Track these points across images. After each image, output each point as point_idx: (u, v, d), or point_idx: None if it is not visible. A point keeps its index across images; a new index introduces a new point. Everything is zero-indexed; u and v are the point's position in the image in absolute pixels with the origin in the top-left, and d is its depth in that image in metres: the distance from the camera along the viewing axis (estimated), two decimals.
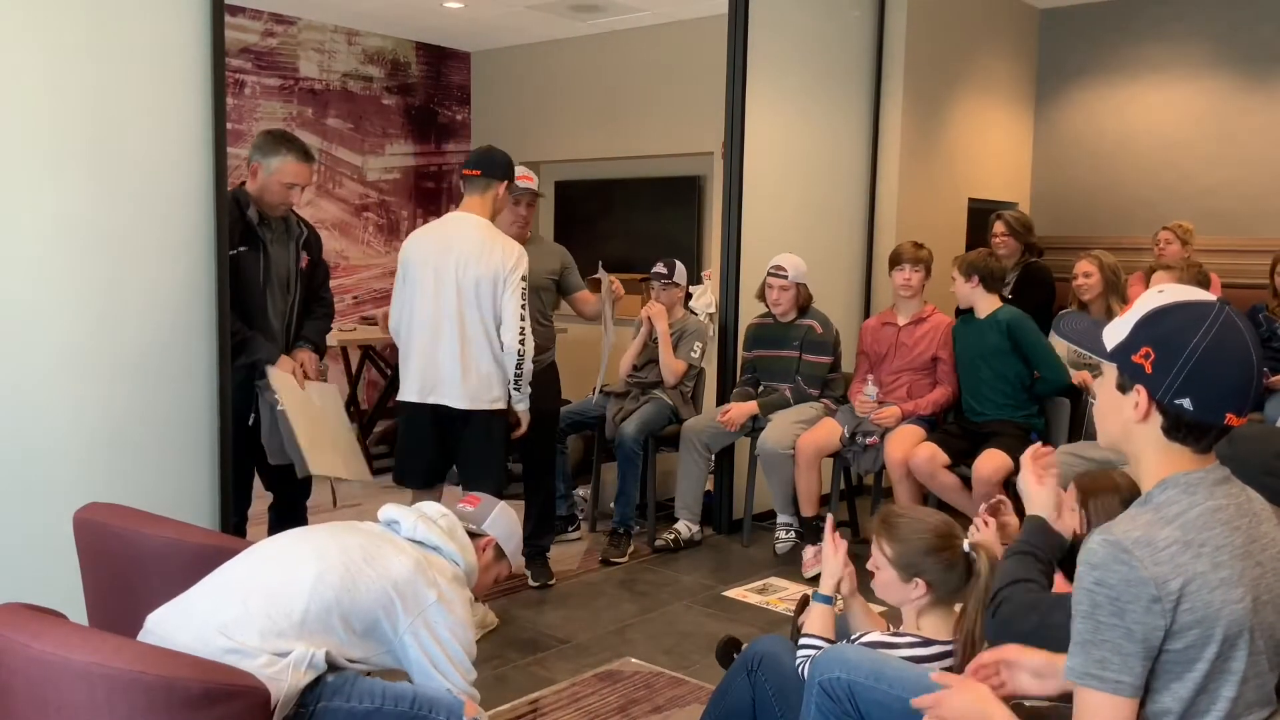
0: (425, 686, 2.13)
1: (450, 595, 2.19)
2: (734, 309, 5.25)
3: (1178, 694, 1.45)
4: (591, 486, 5.32)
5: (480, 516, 2.51)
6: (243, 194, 3.52)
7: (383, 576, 2.11)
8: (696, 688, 3.38)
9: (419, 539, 2.30)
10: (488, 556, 2.49)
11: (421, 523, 2.33)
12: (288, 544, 2.18)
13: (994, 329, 4.46)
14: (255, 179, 3.53)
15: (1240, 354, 1.47)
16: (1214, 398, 1.47)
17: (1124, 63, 6.66)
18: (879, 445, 4.57)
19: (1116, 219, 6.69)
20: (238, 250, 3.42)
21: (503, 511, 2.57)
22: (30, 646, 1.70)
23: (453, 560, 2.32)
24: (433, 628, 2.14)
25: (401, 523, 2.33)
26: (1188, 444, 1.50)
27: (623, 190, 7.41)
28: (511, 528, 2.57)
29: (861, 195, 5.93)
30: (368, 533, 2.26)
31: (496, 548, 2.52)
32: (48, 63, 2.94)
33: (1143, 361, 1.50)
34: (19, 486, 2.96)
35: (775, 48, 5.29)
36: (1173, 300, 1.51)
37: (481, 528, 2.49)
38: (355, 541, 2.17)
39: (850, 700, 2.10)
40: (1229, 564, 1.45)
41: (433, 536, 2.32)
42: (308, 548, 2.14)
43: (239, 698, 1.74)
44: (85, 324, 3.06)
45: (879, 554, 2.32)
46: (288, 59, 7.01)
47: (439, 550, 2.31)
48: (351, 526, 2.29)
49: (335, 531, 2.22)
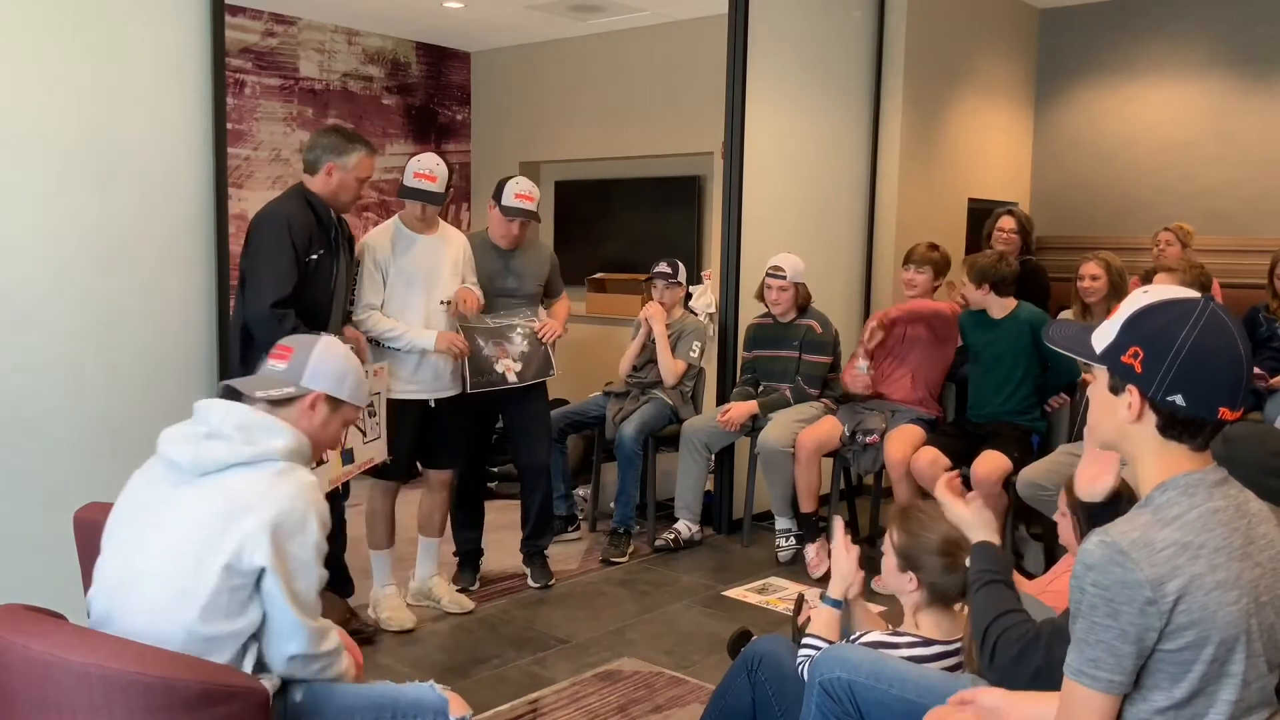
0: (404, 689, 2.06)
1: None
2: (734, 309, 5.25)
3: (1172, 695, 1.45)
4: (591, 486, 5.32)
5: (295, 373, 2.08)
6: (314, 198, 3.43)
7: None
8: (696, 688, 3.38)
9: (216, 468, 1.93)
10: (319, 414, 2.08)
11: (205, 449, 1.93)
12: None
13: (1015, 329, 4.44)
14: (330, 178, 3.43)
15: (1229, 348, 1.48)
16: (1205, 392, 1.47)
17: (1124, 63, 6.66)
18: (879, 445, 4.57)
19: (1116, 219, 6.69)
20: (316, 256, 3.37)
21: (322, 354, 2.12)
22: (29, 648, 1.70)
23: (267, 460, 1.94)
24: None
25: (183, 463, 1.94)
26: (1184, 441, 1.50)
27: (623, 190, 7.40)
28: (338, 367, 2.12)
29: (861, 195, 5.93)
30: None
31: (328, 399, 2.10)
32: (48, 63, 2.94)
33: (1132, 361, 1.50)
34: (19, 486, 2.96)
35: (775, 48, 5.28)
36: (1157, 299, 1.53)
37: (302, 384, 2.07)
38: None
39: (850, 700, 2.11)
40: (1227, 565, 1.45)
41: (230, 456, 1.93)
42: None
43: (238, 698, 1.74)
44: (85, 324, 3.07)
45: (888, 539, 2.38)
46: (288, 59, 7.00)
47: (252, 464, 1.93)
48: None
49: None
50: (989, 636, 1.92)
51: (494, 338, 4.06)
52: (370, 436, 3.60)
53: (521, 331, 4.12)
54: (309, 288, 3.34)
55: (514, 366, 4.09)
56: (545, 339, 4.14)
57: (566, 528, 5.07)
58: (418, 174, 3.78)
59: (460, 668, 3.54)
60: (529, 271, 4.25)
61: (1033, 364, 4.44)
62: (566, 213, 7.67)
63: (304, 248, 3.32)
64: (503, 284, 4.18)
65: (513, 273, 4.20)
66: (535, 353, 4.15)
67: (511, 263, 4.21)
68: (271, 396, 2.03)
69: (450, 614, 4.01)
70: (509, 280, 4.19)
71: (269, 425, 1.98)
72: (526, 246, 4.28)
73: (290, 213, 3.34)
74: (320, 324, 3.41)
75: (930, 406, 4.74)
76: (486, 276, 4.12)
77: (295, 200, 3.41)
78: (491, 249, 4.19)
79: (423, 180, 3.78)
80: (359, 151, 3.45)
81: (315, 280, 3.38)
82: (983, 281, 4.46)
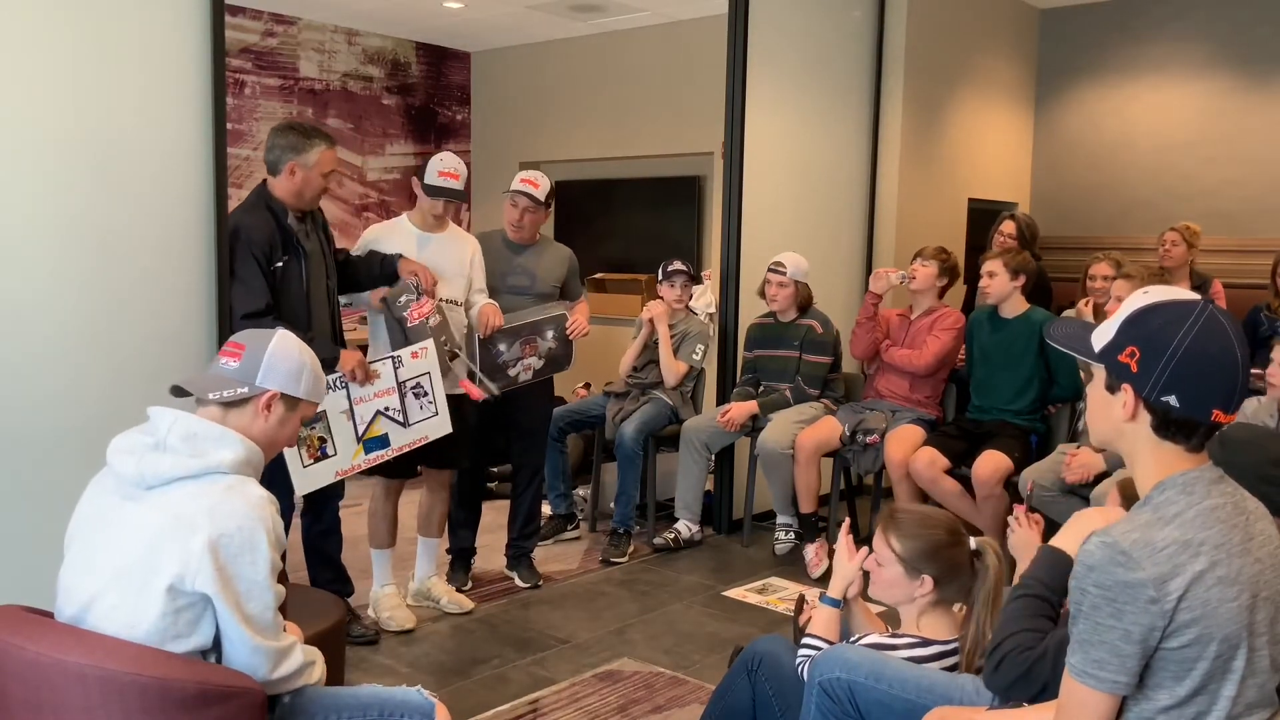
0: (391, 692, 2.03)
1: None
2: (734, 309, 5.24)
3: (1175, 693, 1.45)
4: (591, 486, 5.32)
5: (248, 371, 1.96)
6: (274, 202, 3.37)
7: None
8: (696, 688, 3.38)
9: (161, 482, 1.84)
10: (275, 414, 1.97)
11: (149, 462, 1.83)
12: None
13: (1026, 330, 4.42)
14: (294, 177, 3.36)
15: (1225, 350, 1.47)
16: (1199, 394, 1.47)
17: (1124, 63, 6.66)
18: (879, 445, 4.57)
19: (1117, 219, 6.68)
20: (280, 263, 3.33)
21: (275, 351, 1.99)
22: (25, 649, 1.69)
23: (214, 474, 1.84)
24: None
25: (128, 477, 1.85)
26: (1178, 441, 1.51)
27: (623, 190, 7.40)
28: (293, 364, 2.00)
29: (861, 195, 5.92)
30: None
31: (284, 398, 1.98)
32: (48, 63, 2.94)
33: (1128, 361, 1.51)
34: (19, 486, 2.96)
35: (775, 48, 5.28)
36: (1156, 300, 1.53)
37: (256, 384, 1.95)
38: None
39: (850, 701, 2.10)
40: (1227, 562, 1.45)
41: (175, 470, 1.83)
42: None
43: (234, 699, 1.73)
44: (85, 323, 3.06)
45: (885, 550, 2.31)
46: (288, 59, 7.00)
47: (199, 477, 1.84)
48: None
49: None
50: (998, 651, 1.84)
51: (522, 337, 4.05)
52: (420, 417, 3.62)
53: (554, 329, 4.13)
54: (281, 295, 3.32)
55: (535, 365, 4.11)
56: (574, 336, 4.18)
57: (566, 527, 5.07)
58: (443, 173, 3.80)
59: (460, 668, 3.53)
60: (542, 271, 4.24)
61: (1041, 367, 4.44)
62: (566, 213, 7.67)
63: (265, 257, 3.30)
64: (515, 282, 4.18)
65: (524, 271, 4.20)
66: (562, 350, 4.17)
67: (523, 261, 4.21)
68: (224, 398, 1.93)
69: (450, 614, 4.00)
70: (520, 278, 4.19)
71: (217, 436, 1.87)
72: (540, 244, 4.28)
73: (248, 225, 3.31)
74: (301, 328, 3.35)
75: (930, 406, 4.73)
76: (498, 274, 4.13)
77: (255, 210, 3.37)
78: (504, 246, 4.20)
79: (448, 179, 3.80)
80: (318, 147, 3.39)
81: (286, 286, 3.35)
82: (1020, 274, 4.46)
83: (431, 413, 3.64)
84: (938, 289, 4.75)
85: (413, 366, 3.60)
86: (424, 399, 3.62)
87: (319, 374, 2.08)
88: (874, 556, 2.34)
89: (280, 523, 1.87)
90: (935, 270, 4.70)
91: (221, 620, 1.79)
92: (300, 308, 3.41)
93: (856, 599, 2.48)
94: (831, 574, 2.49)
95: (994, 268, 4.48)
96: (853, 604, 2.48)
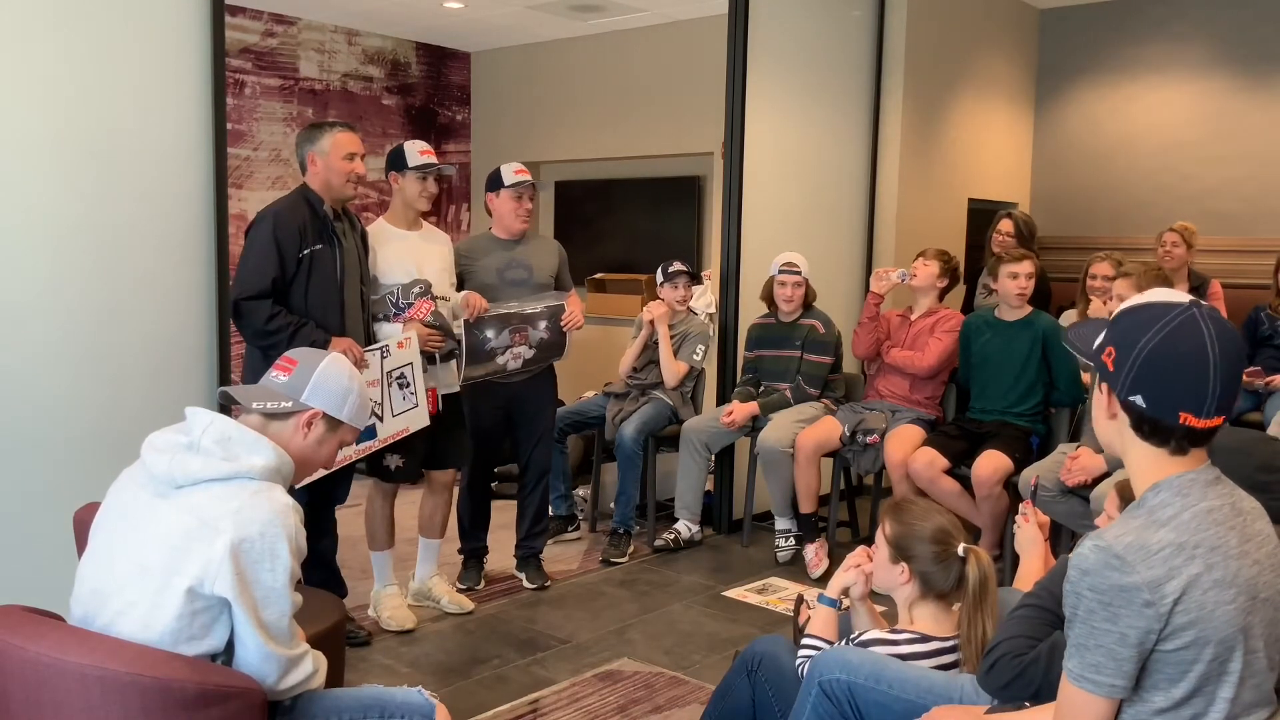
0: (392, 693, 2.03)
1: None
2: (734, 309, 5.24)
3: (1171, 695, 1.45)
4: (591, 487, 5.32)
5: (296, 387, 1.98)
6: (310, 193, 3.45)
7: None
8: (696, 688, 3.38)
9: (190, 482, 1.84)
10: (315, 433, 1.99)
11: (180, 462, 1.84)
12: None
13: (1028, 334, 4.43)
14: (317, 168, 3.43)
15: (1194, 352, 1.46)
16: (1164, 395, 1.47)
17: (1124, 63, 6.66)
18: (879, 445, 4.57)
19: (1116, 219, 6.69)
20: (312, 249, 3.37)
21: (325, 371, 2.01)
22: (26, 649, 1.70)
23: (243, 478, 1.85)
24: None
25: (159, 474, 1.87)
26: (1154, 443, 1.51)
27: (623, 190, 7.40)
28: (341, 386, 2.02)
29: (861, 195, 5.92)
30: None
31: (326, 418, 2.01)
32: (48, 62, 2.94)
33: (1107, 360, 1.53)
34: (19, 486, 2.96)
35: (775, 48, 5.28)
36: (1142, 300, 1.54)
37: (301, 400, 1.97)
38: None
39: (850, 702, 2.10)
40: (1223, 564, 1.44)
41: (205, 471, 1.84)
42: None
43: (234, 699, 1.73)
44: (86, 323, 3.06)
45: (880, 534, 2.36)
46: (288, 59, 7.00)
47: (228, 480, 1.84)
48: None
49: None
50: (993, 654, 1.88)
51: (512, 325, 4.05)
52: (400, 409, 3.62)
53: (547, 319, 4.13)
54: (312, 282, 3.35)
55: (525, 354, 4.10)
56: (568, 328, 4.18)
57: (566, 528, 5.07)
58: (423, 150, 3.82)
59: (460, 668, 3.53)
60: (537, 262, 4.24)
61: (1043, 371, 4.44)
62: (566, 213, 7.67)
63: (293, 243, 3.32)
64: (513, 275, 4.18)
65: (520, 264, 4.20)
66: (554, 340, 4.16)
67: (518, 254, 4.21)
68: (267, 409, 1.95)
69: (450, 614, 4.00)
70: (518, 271, 4.19)
71: (250, 441, 1.88)
72: (530, 238, 4.29)
73: (279, 209, 3.37)
74: (333, 316, 3.42)
75: (930, 407, 4.73)
76: (495, 270, 4.13)
77: (291, 199, 3.44)
78: (495, 244, 4.20)
79: (430, 155, 3.83)
80: (330, 132, 3.46)
81: (316, 273, 3.38)
82: (1035, 278, 4.49)
83: (413, 404, 3.65)
84: (938, 290, 4.75)
85: (399, 356, 3.62)
86: (406, 389, 3.64)
87: (365, 401, 2.09)
88: (875, 543, 2.39)
89: (303, 532, 1.87)
90: (937, 269, 4.70)
91: (237, 625, 1.80)
92: (333, 294, 3.43)
93: (864, 599, 2.48)
94: (831, 574, 2.50)
95: (1029, 268, 4.46)
96: (858, 604, 2.48)
